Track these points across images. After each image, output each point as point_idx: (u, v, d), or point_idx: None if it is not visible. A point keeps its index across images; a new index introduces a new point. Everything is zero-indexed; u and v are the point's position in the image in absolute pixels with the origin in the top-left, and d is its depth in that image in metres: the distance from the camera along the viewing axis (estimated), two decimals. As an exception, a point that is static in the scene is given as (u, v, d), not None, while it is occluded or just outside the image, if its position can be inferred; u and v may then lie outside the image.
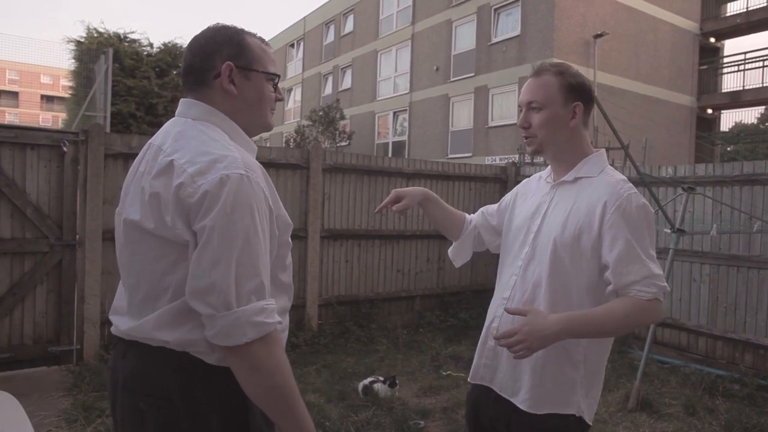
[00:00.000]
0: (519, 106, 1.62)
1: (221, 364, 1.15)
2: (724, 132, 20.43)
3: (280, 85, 1.42)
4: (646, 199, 1.49)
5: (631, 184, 1.50)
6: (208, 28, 1.32)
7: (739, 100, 18.08)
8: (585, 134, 1.60)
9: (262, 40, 1.35)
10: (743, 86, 17.94)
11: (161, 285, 1.16)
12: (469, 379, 1.70)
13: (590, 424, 1.54)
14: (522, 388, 1.52)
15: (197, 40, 1.29)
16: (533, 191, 1.70)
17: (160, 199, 1.13)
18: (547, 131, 1.54)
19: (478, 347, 1.68)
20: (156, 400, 1.17)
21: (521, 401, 1.51)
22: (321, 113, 21.00)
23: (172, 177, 1.12)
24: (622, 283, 1.41)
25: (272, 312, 1.13)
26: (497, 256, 1.78)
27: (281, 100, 1.40)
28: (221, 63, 1.25)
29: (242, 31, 1.31)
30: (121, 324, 1.25)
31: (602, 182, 1.51)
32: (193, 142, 1.18)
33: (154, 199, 1.14)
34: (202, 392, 1.17)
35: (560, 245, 1.49)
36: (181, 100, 1.31)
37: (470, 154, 16.98)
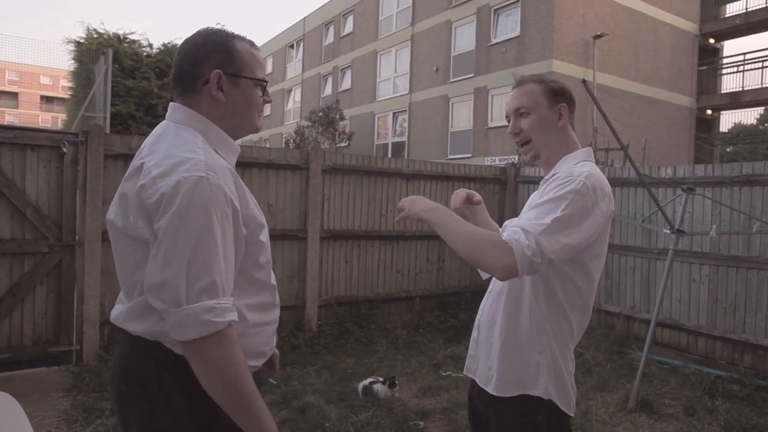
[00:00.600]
0: (506, 115, 1.69)
1: (190, 364, 1.21)
2: (724, 133, 20.44)
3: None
4: (587, 191, 1.44)
5: (587, 175, 1.47)
6: (198, 32, 1.34)
7: (738, 100, 18.09)
8: (573, 135, 1.67)
9: (251, 44, 1.37)
10: (742, 87, 17.95)
11: (133, 279, 1.24)
12: (464, 372, 1.78)
13: (570, 413, 1.57)
14: (493, 375, 1.59)
15: (187, 46, 1.31)
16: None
17: (127, 199, 1.21)
18: (539, 133, 1.62)
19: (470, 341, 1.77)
20: (135, 385, 1.27)
21: (493, 388, 1.58)
22: (321, 114, 20.99)
23: (138, 178, 1.19)
24: (504, 227, 1.53)
25: (223, 311, 1.15)
26: None
27: (270, 102, 1.44)
28: (210, 70, 1.28)
29: (232, 35, 1.33)
30: (114, 312, 1.34)
31: (565, 171, 1.53)
32: (165, 145, 1.23)
33: (123, 199, 1.22)
34: (173, 380, 1.23)
35: None
36: (170, 104, 1.36)
37: (470, 155, 16.99)
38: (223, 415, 1.22)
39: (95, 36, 13.20)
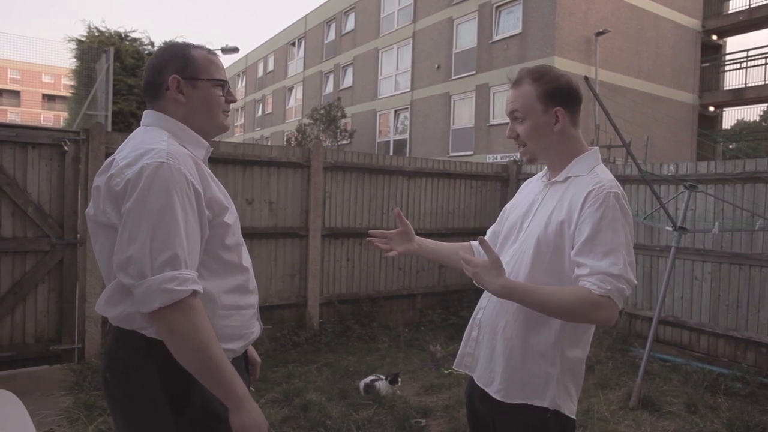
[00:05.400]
0: (507, 116, 1.65)
1: (159, 337, 1.30)
2: (726, 129, 20.37)
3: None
4: (624, 201, 1.48)
5: (616, 184, 1.49)
6: (159, 48, 1.54)
7: (741, 97, 18.01)
8: (575, 134, 1.59)
9: (209, 51, 1.52)
10: (745, 84, 17.87)
11: (110, 267, 1.34)
12: (453, 366, 1.76)
13: (573, 417, 1.56)
14: (496, 378, 1.57)
15: (150, 60, 1.49)
16: (529, 190, 1.73)
17: (99, 190, 1.33)
18: (534, 140, 1.57)
19: (464, 336, 1.73)
20: (117, 373, 1.38)
21: (495, 391, 1.56)
22: (322, 112, 20.99)
23: (109, 171, 1.33)
24: (578, 274, 1.43)
25: (185, 281, 1.25)
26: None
27: (234, 101, 1.57)
28: (169, 77, 1.43)
29: (189, 45, 1.50)
30: (97, 301, 1.44)
31: (588, 180, 1.51)
32: (133, 142, 1.38)
33: (96, 191, 1.35)
34: (148, 365, 1.34)
35: (543, 242, 1.52)
36: (144, 112, 1.50)
37: (471, 153, 16.97)
38: (195, 398, 1.33)
39: (96, 34, 13.21)
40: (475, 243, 1.85)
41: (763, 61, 17.52)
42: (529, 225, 1.60)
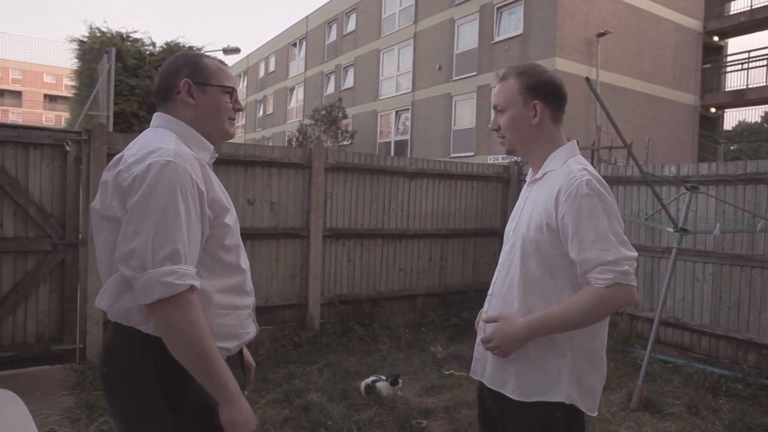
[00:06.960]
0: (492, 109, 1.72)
1: (156, 333, 1.33)
2: (728, 131, 20.32)
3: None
4: (598, 185, 1.48)
5: (586, 172, 1.50)
6: (173, 56, 1.60)
7: (742, 98, 17.99)
8: (554, 131, 1.63)
9: (220, 61, 1.59)
10: (747, 85, 17.85)
11: (111, 260, 1.37)
12: (470, 374, 1.78)
13: (588, 412, 1.55)
14: (510, 378, 1.58)
15: (164, 66, 1.56)
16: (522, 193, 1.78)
17: (107, 185, 1.38)
18: (512, 131, 1.63)
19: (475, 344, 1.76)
20: (115, 368, 1.42)
21: (511, 391, 1.57)
22: (323, 112, 20.98)
23: (117, 166, 1.37)
24: (582, 272, 1.47)
25: (184, 275, 1.28)
26: (498, 256, 1.81)
27: (241, 110, 1.65)
28: (180, 80, 1.50)
29: (201, 54, 1.59)
30: (97, 297, 1.46)
31: (560, 173, 1.54)
32: (142, 141, 1.44)
33: (103, 185, 1.39)
34: (144, 361, 1.37)
35: (527, 241, 1.56)
36: (154, 114, 1.56)
37: (472, 153, 16.96)
38: (191, 394, 1.36)
39: (98, 35, 13.23)
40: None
41: (765, 62, 17.50)
42: (516, 225, 1.65)
